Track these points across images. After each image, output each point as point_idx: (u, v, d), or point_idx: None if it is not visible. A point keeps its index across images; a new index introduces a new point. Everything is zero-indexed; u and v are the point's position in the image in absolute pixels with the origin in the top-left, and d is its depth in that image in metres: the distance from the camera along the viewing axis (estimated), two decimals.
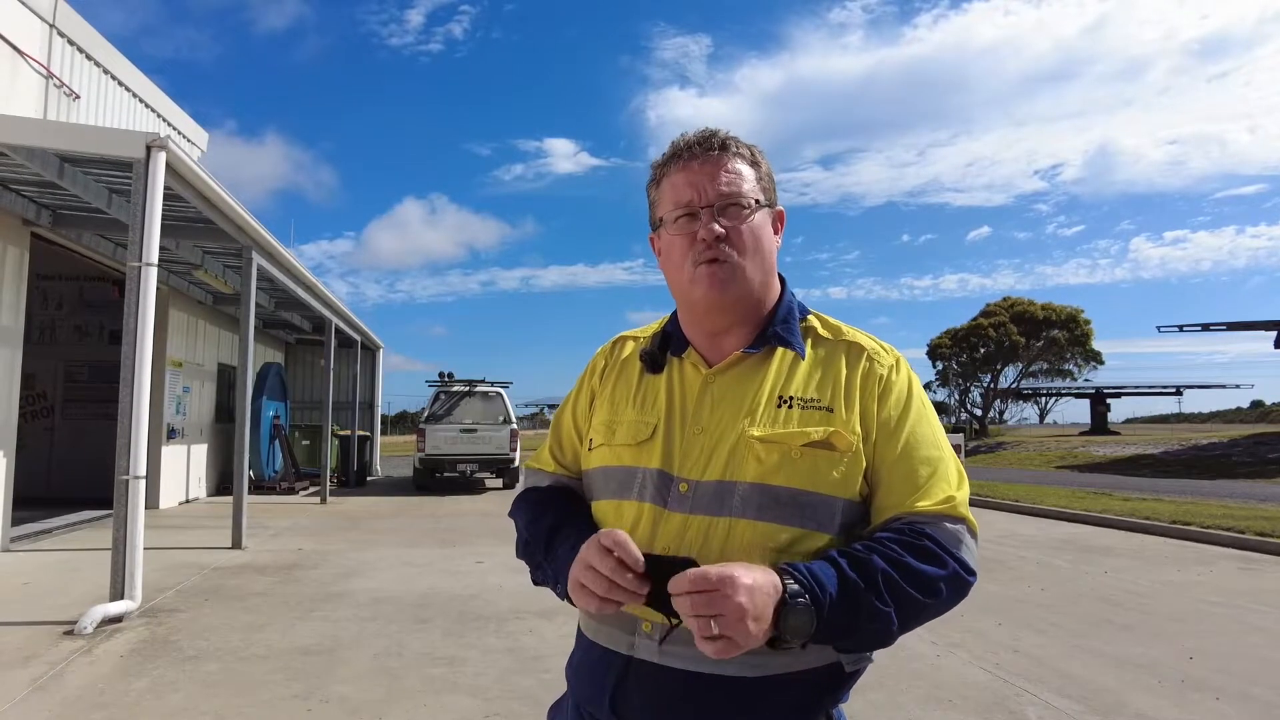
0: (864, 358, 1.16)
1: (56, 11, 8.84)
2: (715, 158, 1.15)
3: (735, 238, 1.13)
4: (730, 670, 1.04)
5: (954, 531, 1.05)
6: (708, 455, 1.11)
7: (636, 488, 1.14)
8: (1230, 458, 22.77)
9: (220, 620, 5.21)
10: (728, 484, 1.08)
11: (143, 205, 5.62)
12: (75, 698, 3.76)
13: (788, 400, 1.12)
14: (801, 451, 1.07)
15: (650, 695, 1.09)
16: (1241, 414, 77.25)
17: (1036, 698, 3.87)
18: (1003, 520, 11.24)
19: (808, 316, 1.22)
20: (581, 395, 1.31)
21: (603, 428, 1.22)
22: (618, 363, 1.28)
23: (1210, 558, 8.03)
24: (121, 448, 5.42)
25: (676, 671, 1.07)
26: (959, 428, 35.93)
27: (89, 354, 12.88)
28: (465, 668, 4.31)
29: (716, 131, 1.18)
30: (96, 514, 9.96)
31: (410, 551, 8.10)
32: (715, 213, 1.13)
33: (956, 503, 1.07)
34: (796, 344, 1.17)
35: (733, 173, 1.15)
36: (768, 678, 1.05)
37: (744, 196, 1.14)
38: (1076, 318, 37.24)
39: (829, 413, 1.11)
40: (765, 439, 1.08)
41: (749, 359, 1.16)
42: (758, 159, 1.19)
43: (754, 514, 1.07)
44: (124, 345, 5.50)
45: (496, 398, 15.94)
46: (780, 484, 1.07)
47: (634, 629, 1.11)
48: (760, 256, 1.16)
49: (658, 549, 1.09)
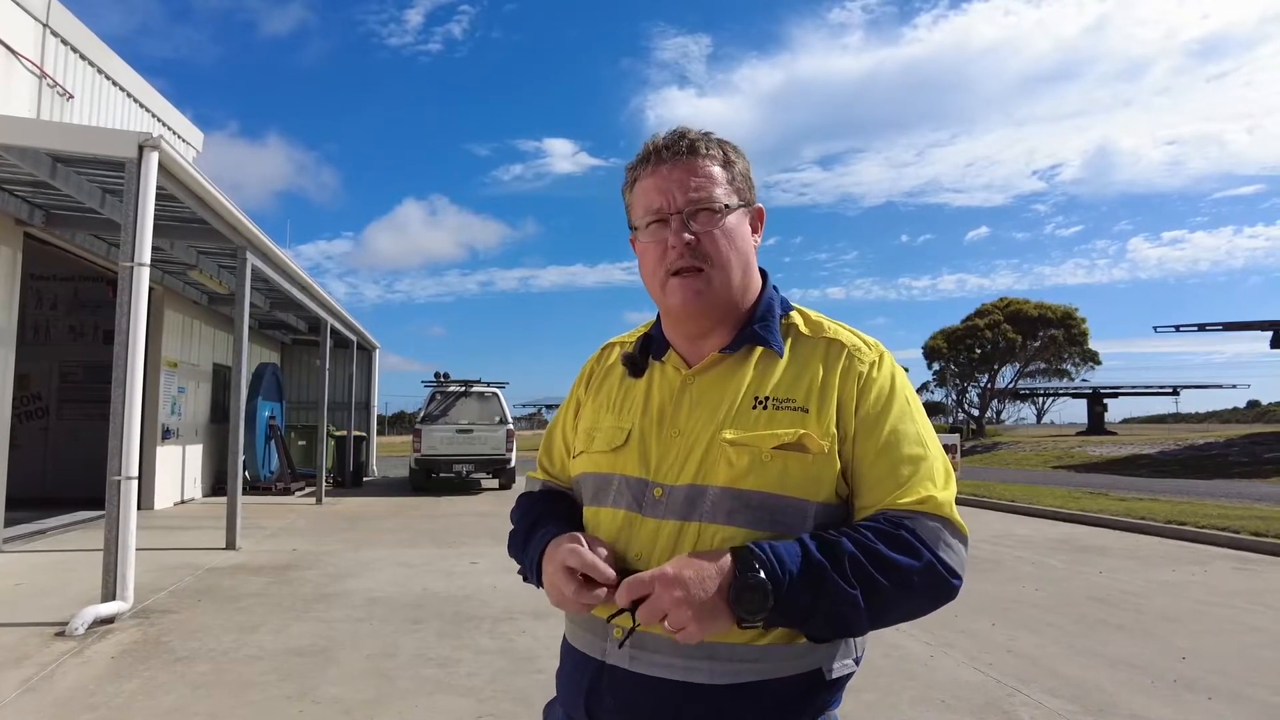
0: (844, 355, 1.12)
1: (50, 11, 8.81)
2: (685, 162, 1.12)
3: (707, 244, 1.11)
4: (700, 677, 1.03)
5: (934, 528, 1.02)
6: (683, 459, 1.10)
7: (612, 494, 1.15)
8: (1226, 458, 22.80)
9: (213, 621, 5.20)
10: (699, 488, 1.07)
11: (135, 205, 5.60)
12: (66, 699, 3.74)
13: (764, 401, 1.09)
14: (772, 454, 1.05)
15: (621, 700, 1.08)
16: (1238, 414, 77.42)
17: (1030, 698, 3.86)
18: (998, 520, 11.25)
19: (789, 313, 1.19)
20: (569, 405, 1.32)
21: (584, 435, 1.23)
22: (604, 369, 1.29)
23: (1205, 557, 8.03)
24: (114, 448, 5.40)
25: (647, 678, 1.06)
26: (956, 428, 35.93)
27: (83, 354, 12.84)
28: (458, 668, 4.30)
29: (687, 132, 1.15)
30: (90, 515, 9.93)
31: (405, 552, 8.09)
32: (685, 219, 1.11)
33: (939, 501, 1.04)
34: (774, 343, 1.13)
35: (702, 176, 1.12)
36: (741, 685, 1.03)
37: (714, 201, 1.11)
38: (1072, 316, 37.26)
39: (804, 413, 1.07)
40: (736, 442, 1.07)
41: (727, 359, 1.14)
42: (731, 157, 1.16)
43: (724, 519, 1.05)
44: (116, 345, 5.48)
45: (492, 398, 15.92)
46: (750, 488, 1.05)
47: (606, 634, 1.10)
48: (735, 260, 1.13)
49: (631, 556, 1.09)
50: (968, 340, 38.50)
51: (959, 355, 39.35)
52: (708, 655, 1.03)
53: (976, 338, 38.02)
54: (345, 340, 16.39)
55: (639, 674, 1.07)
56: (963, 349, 38.97)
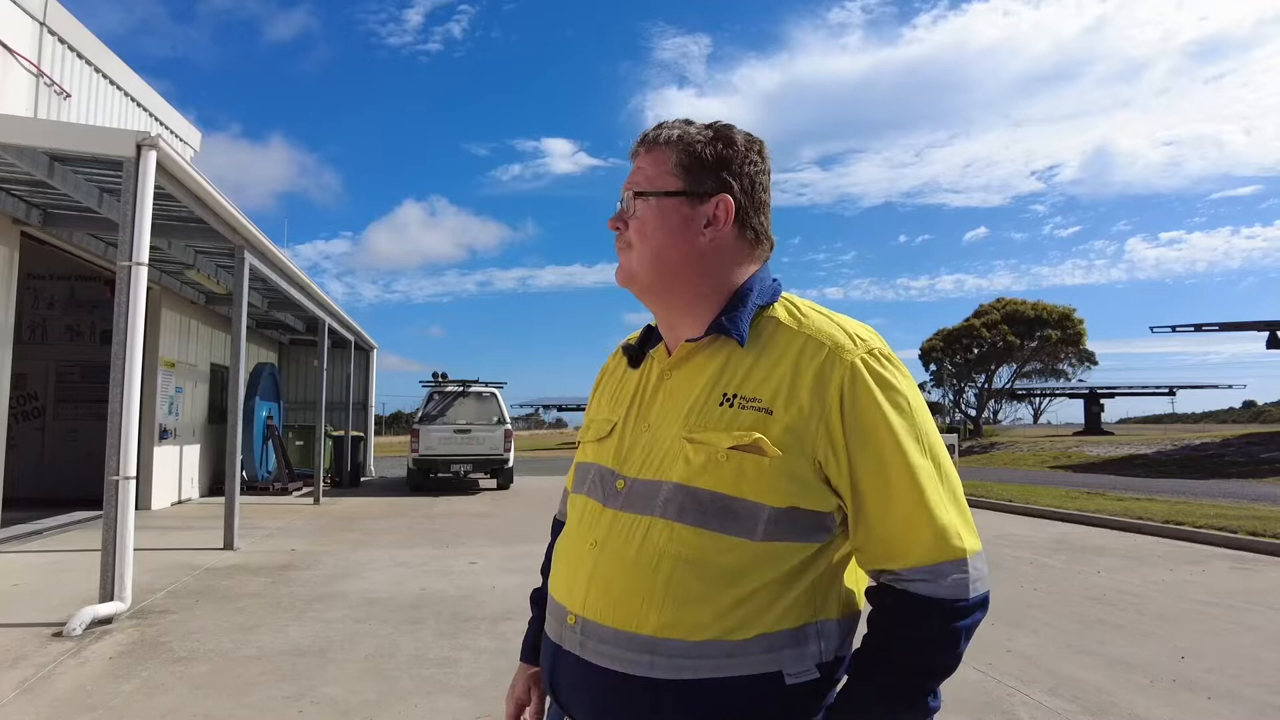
0: (822, 353, 1.05)
1: (47, 9, 8.79)
2: (640, 154, 1.18)
3: (633, 228, 1.15)
4: (640, 670, 1.03)
5: (954, 583, 1.01)
6: (647, 452, 1.11)
7: (588, 483, 1.18)
8: (1223, 458, 22.84)
9: (211, 621, 5.19)
10: (655, 483, 1.08)
11: (133, 204, 5.59)
12: (63, 700, 3.73)
13: (731, 398, 1.06)
14: (727, 454, 1.03)
15: (573, 683, 1.11)
16: (1234, 414, 77.60)
17: (1029, 698, 3.87)
18: (996, 520, 11.26)
19: (773, 304, 1.14)
20: (589, 401, 1.37)
21: (584, 426, 1.28)
22: (615, 363, 1.32)
23: (1203, 557, 8.04)
24: (111, 448, 5.39)
25: (593, 666, 1.07)
26: (953, 428, 35.95)
27: (81, 354, 12.80)
28: (457, 669, 4.29)
29: (661, 124, 1.17)
30: (88, 515, 9.90)
31: (404, 552, 8.07)
32: (622, 206, 1.17)
33: (953, 547, 1.01)
34: (737, 332, 1.08)
35: (643, 166, 1.16)
36: (682, 681, 1.02)
37: (638, 187, 1.15)
38: (1069, 316, 37.32)
39: (766, 415, 1.03)
40: (694, 439, 1.06)
41: (700, 352, 1.13)
42: (692, 145, 1.13)
43: (674, 515, 1.05)
44: (114, 345, 5.47)
45: (490, 398, 15.90)
46: (703, 486, 1.04)
47: (563, 619, 1.12)
48: (650, 246, 1.13)
49: (587, 544, 1.11)
50: (965, 340, 38.54)
51: (956, 355, 39.39)
52: (649, 650, 1.02)
53: (974, 338, 38.06)
54: (343, 340, 16.37)
55: (587, 662, 1.08)
56: (960, 349, 39.01)
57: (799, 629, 1.04)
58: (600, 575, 1.08)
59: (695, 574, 1.03)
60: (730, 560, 1.02)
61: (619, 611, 1.05)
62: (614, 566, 1.07)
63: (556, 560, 1.21)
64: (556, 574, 1.19)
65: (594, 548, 1.10)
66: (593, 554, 1.10)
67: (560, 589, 1.15)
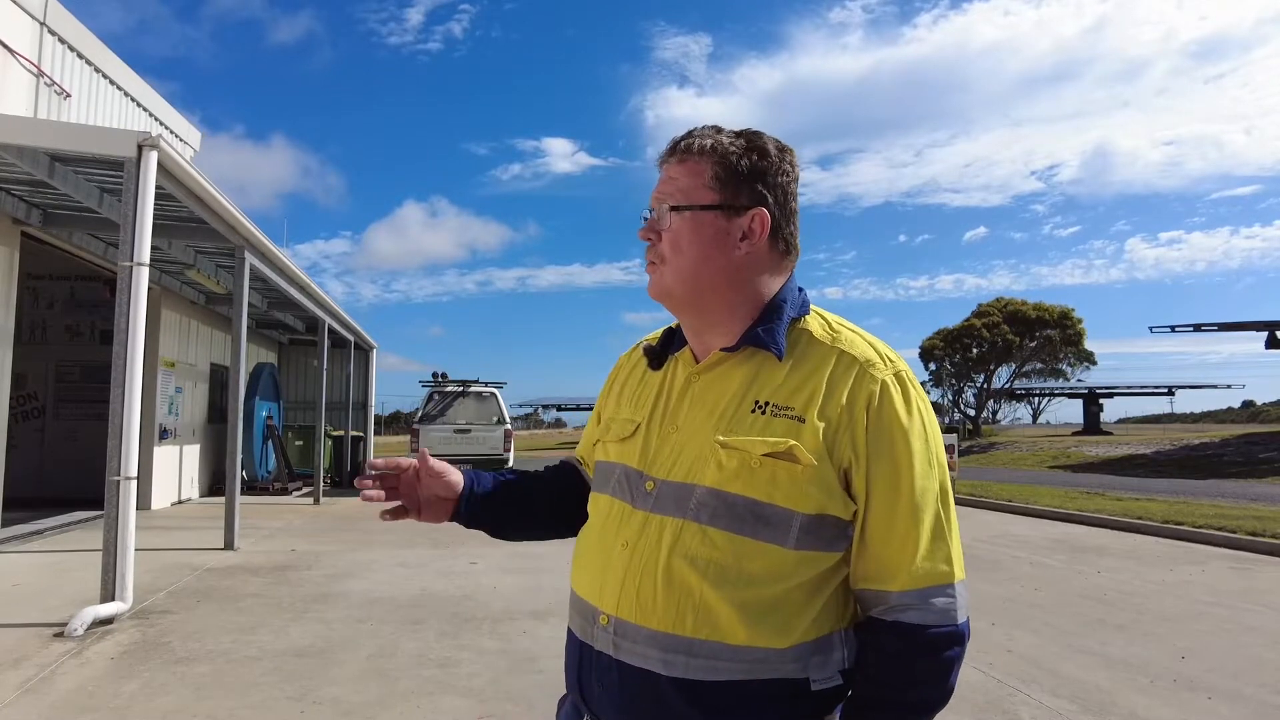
0: (854, 368, 1.07)
1: (47, 9, 8.79)
2: (670, 163, 1.16)
3: (667, 241, 1.14)
4: (676, 671, 1.04)
5: (942, 609, 1.05)
6: (676, 455, 1.11)
7: (613, 483, 1.18)
8: (1222, 458, 22.88)
9: (212, 622, 5.19)
10: (688, 486, 1.08)
11: (134, 204, 5.58)
12: (65, 700, 3.73)
13: (764, 406, 1.08)
14: (761, 461, 1.04)
15: (605, 685, 1.10)
16: (1233, 414, 77.76)
17: (1030, 698, 3.88)
18: (996, 520, 11.27)
19: (805, 317, 1.15)
20: (601, 393, 1.37)
21: (604, 425, 1.28)
22: (632, 363, 1.32)
23: (1202, 557, 8.06)
24: (112, 449, 5.38)
25: (627, 666, 1.07)
26: (952, 428, 35.97)
27: (81, 354, 12.78)
28: (459, 669, 4.29)
29: (692, 132, 1.15)
30: (88, 515, 9.90)
31: (404, 552, 8.07)
32: (654, 218, 1.15)
33: (939, 570, 1.05)
34: (775, 346, 1.10)
35: (673, 177, 1.14)
36: (718, 682, 1.03)
37: (670, 199, 1.13)
38: (1069, 316, 37.38)
39: (799, 423, 1.05)
40: (728, 445, 1.06)
41: (730, 359, 1.13)
42: (727, 156, 1.12)
43: (707, 519, 1.06)
44: (115, 345, 5.46)
45: (490, 398, 15.91)
46: (736, 492, 1.05)
47: (594, 619, 1.12)
48: (687, 258, 1.12)
49: (618, 545, 1.12)
50: (965, 340, 38.59)
51: (956, 355, 39.43)
52: (685, 650, 1.04)
53: (974, 338, 38.11)
54: (343, 340, 16.36)
55: (621, 661, 1.08)
56: (960, 349, 39.06)
57: (827, 636, 1.07)
58: (634, 576, 1.08)
59: (729, 578, 1.04)
60: (763, 565, 1.04)
61: (656, 612, 1.05)
62: (648, 568, 1.07)
63: (581, 559, 1.21)
64: (582, 573, 1.19)
65: (626, 548, 1.10)
66: (624, 555, 1.10)
67: (589, 589, 1.15)
